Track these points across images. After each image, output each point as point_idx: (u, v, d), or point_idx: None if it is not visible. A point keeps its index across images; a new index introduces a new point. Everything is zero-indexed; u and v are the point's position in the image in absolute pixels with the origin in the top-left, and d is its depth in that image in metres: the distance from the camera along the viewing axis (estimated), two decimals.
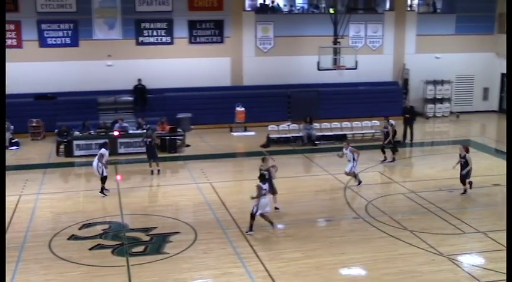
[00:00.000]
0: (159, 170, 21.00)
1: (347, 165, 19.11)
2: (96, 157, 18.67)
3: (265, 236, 14.83)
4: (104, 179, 18.49)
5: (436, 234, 14.78)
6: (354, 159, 18.90)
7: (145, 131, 23.03)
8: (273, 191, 16.45)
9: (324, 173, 21.08)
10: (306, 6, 41.32)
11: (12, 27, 28.30)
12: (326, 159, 22.84)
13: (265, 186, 14.97)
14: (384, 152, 22.49)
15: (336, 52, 26.34)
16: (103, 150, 18.67)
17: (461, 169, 18.01)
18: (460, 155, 18.07)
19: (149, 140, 21.11)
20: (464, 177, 17.97)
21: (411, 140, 25.87)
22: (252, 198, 14.84)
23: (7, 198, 17.79)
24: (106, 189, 18.52)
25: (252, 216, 14.86)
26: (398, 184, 19.63)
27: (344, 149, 19.24)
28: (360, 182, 19.11)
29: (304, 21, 31.56)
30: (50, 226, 15.77)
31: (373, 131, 26.58)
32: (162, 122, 25.40)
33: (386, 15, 32.39)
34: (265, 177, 15.27)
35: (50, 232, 15.13)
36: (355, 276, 12.82)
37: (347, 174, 19.19)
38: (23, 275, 12.64)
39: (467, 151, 17.98)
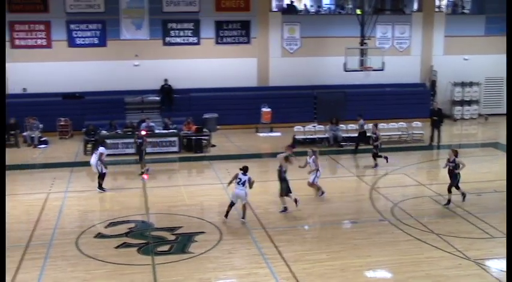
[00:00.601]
0: (146, 170, 20.97)
1: (310, 175, 17.95)
2: (95, 155, 18.92)
3: (290, 237, 14.80)
4: (103, 176, 18.78)
5: (463, 238, 14.59)
6: (317, 169, 17.75)
7: (135, 132, 23.12)
8: (287, 191, 16.58)
9: (349, 175, 20.99)
10: (332, 7, 41.25)
11: (42, 27, 28.71)
12: (352, 161, 22.72)
13: (244, 177, 15.48)
14: (380, 157, 21.87)
15: (363, 53, 26.26)
16: (102, 149, 18.92)
17: (450, 175, 17.07)
18: (448, 159, 17.11)
19: (140, 141, 21.20)
20: (452, 185, 17.02)
21: (438, 142, 25.59)
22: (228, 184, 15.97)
23: (35, 196, 18.22)
24: (103, 188, 18.83)
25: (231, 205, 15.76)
26: (425, 187, 19.43)
27: (308, 158, 17.94)
28: (323, 192, 17.92)
29: (330, 22, 31.48)
30: (77, 224, 15.95)
31: (399, 132, 26.40)
32: (188, 122, 25.54)
33: (414, 16, 32.14)
34: (248, 169, 15.70)
35: (77, 230, 15.29)
36: (380, 279, 12.72)
37: (310, 185, 17.94)
38: (50, 271, 12.78)
39: (456, 155, 16.96)
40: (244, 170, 15.69)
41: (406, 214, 16.44)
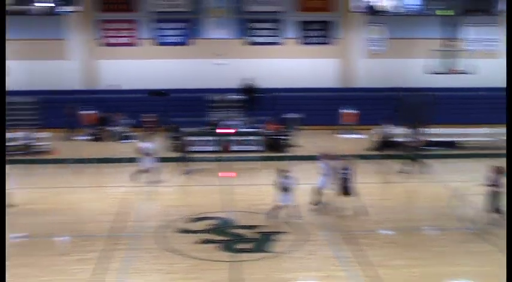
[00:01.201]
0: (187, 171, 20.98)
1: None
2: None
3: (370, 241, 14.52)
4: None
5: None
6: (327, 174, 16.69)
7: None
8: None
9: (432, 180, 20.40)
10: (419, 8, 40.27)
11: (130, 26, 29.60)
12: (437, 166, 22.04)
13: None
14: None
15: (450, 55, 25.51)
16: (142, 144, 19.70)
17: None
18: (490, 177, 15.60)
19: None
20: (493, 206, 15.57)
21: None
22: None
23: (120, 189, 18.86)
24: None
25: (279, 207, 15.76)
26: None
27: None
28: (318, 203, 16.91)
29: (417, 23, 30.78)
30: (160, 218, 16.26)
31: (486, 138, 25.40)
32: (271, 121, 25.56)
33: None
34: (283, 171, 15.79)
35: (160, 224, 15.61)
36: None
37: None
38: (134, 262, 13.08)
39: (499, 173, 15.38)
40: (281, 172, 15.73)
41: (495, 224, 15.76)
